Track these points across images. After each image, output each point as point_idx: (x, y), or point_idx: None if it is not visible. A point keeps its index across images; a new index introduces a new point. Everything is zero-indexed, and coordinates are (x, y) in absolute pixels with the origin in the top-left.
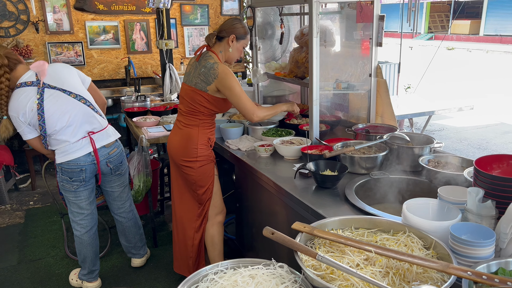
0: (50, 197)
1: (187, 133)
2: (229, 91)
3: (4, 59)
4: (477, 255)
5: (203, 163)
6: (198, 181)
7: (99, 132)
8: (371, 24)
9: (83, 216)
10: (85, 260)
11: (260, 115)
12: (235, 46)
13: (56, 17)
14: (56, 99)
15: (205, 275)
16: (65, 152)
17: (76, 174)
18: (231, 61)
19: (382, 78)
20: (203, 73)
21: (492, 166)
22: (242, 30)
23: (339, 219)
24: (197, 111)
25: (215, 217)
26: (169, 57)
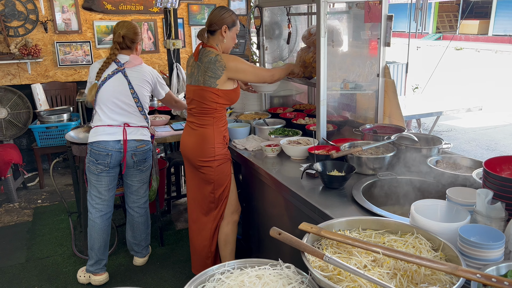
0: (58, 195)
1: (202, 134)
2: (243, 74)
3: (120, 38)
4: (486, 258)
5: (221, 161)
6: (217, 180)
7: (134, 127)
8: (379, 24)
9: (101, 200)
10: (93, 246)
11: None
12: (229, 36)
13: (64, 16)
14: (119, 83)
15: (212, 275)
16: (98, 133)
17: (102, 157)
18: (227, 51)
19: (390, 78)
20: (210, 68)
21: (501, 167)
22: (231, 18)
23: (346, 220)
24: (210, 108)
25: (231, 216)
26: (177, 57)
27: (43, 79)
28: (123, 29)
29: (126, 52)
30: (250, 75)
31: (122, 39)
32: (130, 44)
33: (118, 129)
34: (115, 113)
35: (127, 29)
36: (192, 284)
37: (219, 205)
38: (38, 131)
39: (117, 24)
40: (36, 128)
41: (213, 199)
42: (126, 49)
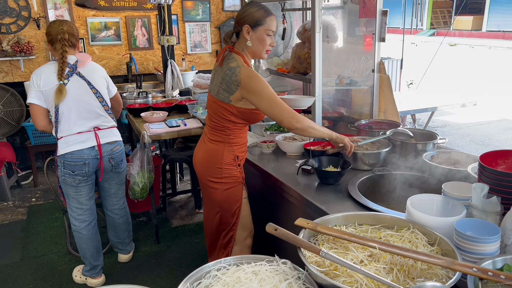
0: (52, 193)
1: (211, 150)
2: (257, 97)
3: (65, 34)
4: (482, 252)
5: (230, 185)
6: (223, 204)
7: (105, 130)
8: (374, 19)
9: (82, 211)
10: (85, 256)
11: (304, 123)
12: (254, 37)
13: (57, 13)
14: (79, 86)
15: (208, 272)
16: (69, 143)
17: (79, 168)
18: (258, 56)
19: (385, 74)
20: (225, 80)
21: (497, 161)
22: (257, 14)
23: (342, 215)
24: (222, 126)
25: (244, 242)
26: (171, 53)
27: None
28: (64, 25)
29: (71, 51)
30: (264, 104)
31: (67, 35)
32: (74, 42)
33: (89, 135)
34: (83, 118)
35: (67, 25)
36: (188, 281)
37: (227, 230)
38: (31, 129)
39: (54, 22)
40: (30, 126)
41: (219, 223)
42: (71, 47)
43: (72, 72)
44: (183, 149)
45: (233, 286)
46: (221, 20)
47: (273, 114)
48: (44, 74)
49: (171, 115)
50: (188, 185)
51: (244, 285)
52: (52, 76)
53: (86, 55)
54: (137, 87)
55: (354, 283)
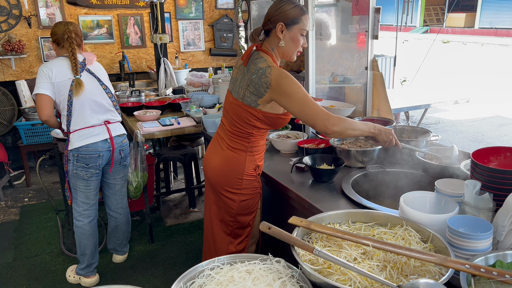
0: (45, 193)
1: (232, 158)
2: (287, 98)
3: (72, 33)
4: (475, 248)
5: (248, 196)
6: (237, 215)
7: (114, 123)
8: (367, 16)
9: (88, 206)
10: (85, 253)
11: (341, 125)
12: (288, 36)
13: (48, 11)
14: (90, 81)
15: (202, 271)
16: (83, 136)
17: (93, 160)
18: (288, 57)
19: (378, 71)
20: (253, 82)
21: (489, 158)
22: (293, 12)
23: (336, 213)
24: (245, 132)
25: (249, 248)
26: (164, 51)
27: (28, 75)
28: (70, 25)
29: (77, 50)
30: (295, 106)
31: (74, 34)
32: (79, 41)
33: (102, 128)
34: (96, 112)
35: (73, 26)
36: (182, 281)
37: (238, 241)
38: (23, 128)
39: (59, 23)
40: (22, 125)
41: (230, 233)
42: (77, 46)
43: (82, 68)
44: (177, 147)
45: (226, 285)
46: (214, 18)
47: (305, 117)
48: (56, 68)
49: (165, 113)
50: (182, 184)
51: (238, 284)
52: (65, 70)
53: (92, 54)
54: (130, 86)
55: (348, 281)
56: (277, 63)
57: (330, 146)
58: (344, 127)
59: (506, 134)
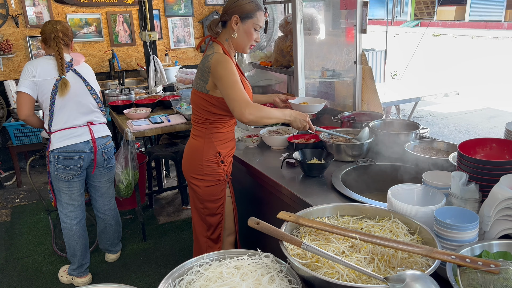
0: (36, 194)
1: (193, 146)
2: (219, 82)
3: (59, 33)
4: (461, 239)
5: (212, 183)
6: (205, 201)
7: (98, 125)
8: (355, 11)
9: (74, 207)
10: (75, 254)
11: (255, 113)
12: (242, 29)
13: (36, 10)
14: (75, 81)
15: (190, 268)
16: (64, 137)
17: (74, 162)
18: (241, 49)
19: (367, 65)
20: (200, 69)
21: (475, 150)
22: (248, 6)
23: (324, 207)
24: (203, 118)
25: (226, 239)
26: (153, 49)
27: (16, 75)
28: (58, 25)
29: (65, 49)
30: (224, 90)
31: (61, 34)
32: (68, 41)
33: (84, 129)
34: (79, 112)
35: (61, 25)
36: (170, 278)
37: (212, 228)
38: (13, 129)
39: (48, 22)
40: (11, 126)
41: (204, 221)
42: (65, 46)
43: (68, 68)
44: (168, 145)
45: (215, 281)
46: (204, 14)
47: (228, 102)
48: (40, 66)
49: (155, 111)
50: (174, 182)
51: (226, 280)
52: (50, 69)
53: (80, 55)
54: (119, 84)
55: (336, 274)
56: (230, 53)
57: (320, 141)
58: (259, 116)
59: (496, 126)
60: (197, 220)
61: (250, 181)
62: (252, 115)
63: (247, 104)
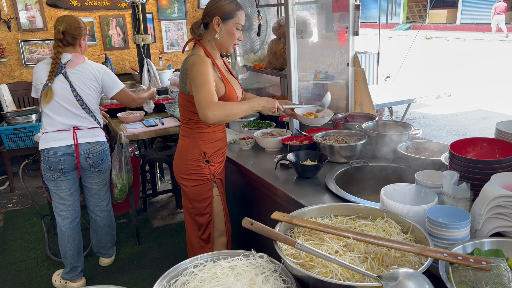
0: (29, 198)
1: (180, 146)
2: (191, 83)
3: (59, 34)
4: (453, 237)
5: (198, 182)
6: (193, 201)
7: (85, 130)
8: (347, 13)
9: (64, 206)
10: (66, 255)
11: (218, 113)
12: (224, 29)
13: (28, 14)
14: (61, 86)
15: (185, 269)
16: (47, 139)
17: (55, 164)
18: (225, 49)
19: (359, 67)
20: (181, 71)
21: (466, 149)
22: (228, 7)
23: (318, 207)
24: (187, 118)
25: (218, 239)
26: (147, 52)
27: (9, 79)
28: (63, 24)
29: (69, 49)
30: (193, 90)
31: (62, 35)
32: (71, 40)
33: (68, 134)
34: (63, 116)
35: (67, 23)
36: (165, 279)
37: (202, 228)
38: (5, 133)
39: (57, 19)
40: (3, 130)
41: (195, 221)
42: (68, 46)
43: (59, 71)
44: (162, 148)
45: (209, 282)
46: (197, 17)
47: (195, 103)
48: (37, 72)
49: (149, 114)
50: (169, 185)
51: (221, 280)
52: (42, 74)
53: (81, 56)
54: None
55: (329, 273)
56: (213, 55)
57: (314, 143)
58: (223, 114)
59: (488, 127)
60: (189, 221)
61: (245, 182)
62: (216, 116)
63: (209, 105)
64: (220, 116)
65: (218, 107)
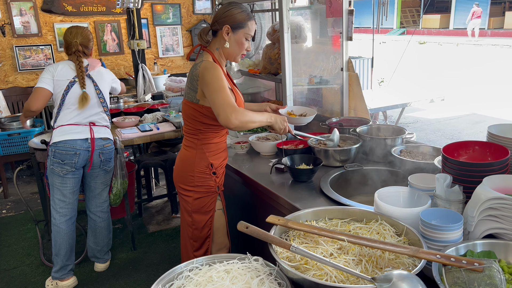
0: (23, 204)
1: (184, 156)
2: (206, 88)
3: (78, 46)
4: (446, 239)
5: (202, 194)
6: (194, 213)
7: (100, 127)
8: (341, 18)
9: (65, 204)
10: (59, 252)
11: (240, 118)
12: (233, 39)
13: (23, 20)
14: (87, 84)
15: (180, 273)
16: (64, 132)
17: (69, 157)
18: (232, 58)
19: (353, 72)
20: (190, 77)
21: (459, 152)
22: (239, 16)
23: (312, 210)
24: (194, 129)
25: (218, 253)
26: (142, 57)
27: (3, 84)
28: (79, 37)
29: (85, 56)
30: (210, 95)
31: (81, 47)
32: (87, 52)
33: (85, 128)
34: (83, 112)
35: (82, 36)
36: (160, 283)
37: (200, 243)
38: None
39: (70, 32)
40: None
41: (192, 234)
42: (84, 56)
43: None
44: (157, 153)
45: (205, 285)
46: (192, 23)
47: (214, 107)
48: (60, 68)
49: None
50: (164, 190)
51: (216, 284)
52: (67, 71)
53: (96, 60)
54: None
55: (324, 276)
56: (221, 62)
57: (309, 147)
58: (245, 121)
59: (482, 131)
60: (185, 234)
61: (240, 187)
62: (238, 120)
63: (233, 109)
64: (242, 121)
65: (241, 113)
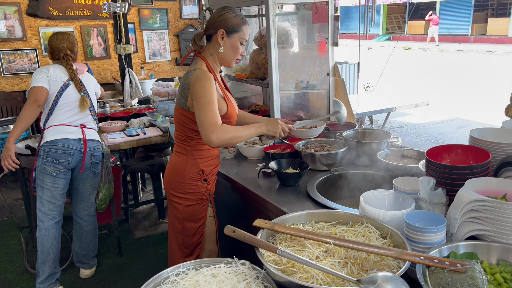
0: (7, 211)
1: (175, 162)
2: (194, 101)
3: (67, 51)
4: (430, 241)
5: (193, 202)
6: (184, 221)
7: (89, 129)
8: (327, 24)
9: (54, 206)
10: (48, 258)
11: (222, 137)
12: (228, 43)
13: (7, 24)
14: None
15: (167, 277)
16: (58, 131)
17: (64, 157)
18: (227, 63)
19: (339, 77)
20: (181, 85)
21: (442, 156)
22: (234, 20)
23: (299, 214)
24: (185, 135)
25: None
26: (128, 62)
27: None
28: (66, 42)
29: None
30: (196, 109)
31: (69, 51)
32: (74, 56)
33: (77, 129)
34: (75, 115)
35: (68, 41)
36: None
37: (190, 250)
38: None
39: (56, 38)
40: None
41: (182, 242)
42: (73, 60)
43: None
44: (144, 158)
45: None
46: (180, 28)
47: (198, 123)
48: (52, 70)
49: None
50: (151, 195)
51: None
52: (59, 73)
53: (83, 65)
54: None
55: (310, 278)
56: (215, 68)
57: (296, 151)
58: (227, 138)
59: (466, 136)
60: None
61: (227, 191)
62: (219, 140)
63: (214, 127)
64: (224, 140)
65: (222, 130)
